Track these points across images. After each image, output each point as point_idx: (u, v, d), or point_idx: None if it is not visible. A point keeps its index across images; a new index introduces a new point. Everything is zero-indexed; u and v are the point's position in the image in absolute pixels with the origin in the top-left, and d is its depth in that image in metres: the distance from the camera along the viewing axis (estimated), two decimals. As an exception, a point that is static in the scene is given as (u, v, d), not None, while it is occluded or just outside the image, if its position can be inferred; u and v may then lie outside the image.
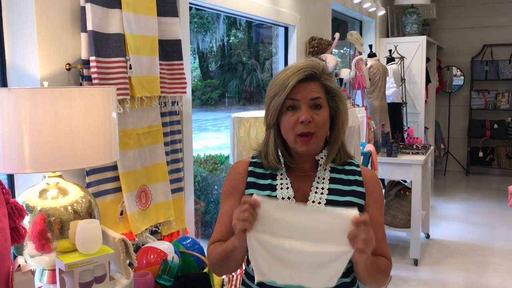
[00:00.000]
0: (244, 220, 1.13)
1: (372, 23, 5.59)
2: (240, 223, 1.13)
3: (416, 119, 5.96)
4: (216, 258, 1.30)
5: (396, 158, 4.10)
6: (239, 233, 1.15)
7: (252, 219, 1.13)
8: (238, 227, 1.14)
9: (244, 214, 1.13)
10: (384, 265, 1.31)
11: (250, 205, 1.13)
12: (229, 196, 1.37)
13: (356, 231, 1.10)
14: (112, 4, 1.87)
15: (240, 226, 1.13)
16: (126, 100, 1.92)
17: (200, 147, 7.50)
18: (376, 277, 1.27)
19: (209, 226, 4.36)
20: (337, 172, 1.36)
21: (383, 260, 1.31)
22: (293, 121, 1.28)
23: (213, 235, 1.36)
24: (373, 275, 1.26)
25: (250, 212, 1.13)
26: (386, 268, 1.31)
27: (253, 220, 1.14)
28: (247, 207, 1.13)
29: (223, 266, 1.31)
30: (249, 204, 1.13)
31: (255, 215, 1.14)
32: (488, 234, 4.82)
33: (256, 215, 1.15)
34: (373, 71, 4.55)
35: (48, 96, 1.34)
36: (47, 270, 1.51)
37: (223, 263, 1.29)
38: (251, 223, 1.14)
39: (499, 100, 7.34)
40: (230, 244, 1.24)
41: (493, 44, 7.27)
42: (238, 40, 12.98)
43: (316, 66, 1.30)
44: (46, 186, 1.49)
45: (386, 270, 1.31)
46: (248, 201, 1.14)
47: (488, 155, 7.44)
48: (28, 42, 1.68)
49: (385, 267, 1.31)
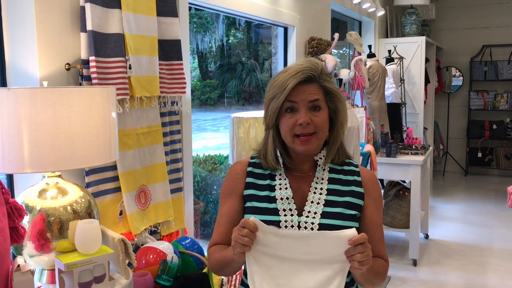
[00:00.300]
0: (244, 244, 1.16)
1: (371, 24, 5.60)
2: (240, 246, 1.16)
3: (415, 119, 5.96)
4: (215, 263, 1.33)
5: (395, 159, 4.10)
6: (238, 254, 1.19)
7: (251, 242, 1.16)
8: (237, 249, 1.17)
9: (244, 239, 1.15)
10: (382, 267, 1.32)
11: (249, 229, 1.15)
12: (228, 197, 1.37)
13: (353, 250, 1.14)
14: (111, 4, 1.87)
15: (239, 249, 1.17)
16: (125, 100, 1.92)
17: (200, 147, 7.50)
18: (373, 281, 1.29)
19: (208, 226, 4.36)
20: (335, 173, 1.36)
21: (380, 262, 1.32)
22: (292, 123, 1.28)
23: (213, 237, 1.38)
24: (370, 280, 1.28)
25: (249, 237, 1.16)
26: (384, 270, 1.33)
27: (252, 243, 1.17)
28: (247, 232, 1.15)
29: (221, 271, 1.35)
30: (249, 229, 1.15)
31: (254, 237, 1.17)
32: (487, 234, 4.82)
33: (255, 237, 1.17)
34: (372, 72, 4.55)
35: (47, 96, 1.34)
36: (47, 270, 1.51)
37: (221, 269, 1.33)
38: (250, 246, 1.17)
39: (498, 100, 7.34)
40: (229, 256, 1.26)
41: (492, 45, 7.27)
42: (237, 40, 12.98)
43: (315, 68, 1.30)
44: (46, 186, 1.49)
45: (383, 272, 1.32)
46: (248, 225, 1.15)
47: (487, 155, 7.44)
48: (27, 41, 1.68)
49: (383, 269, 1.32)
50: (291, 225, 1.28)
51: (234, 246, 1.17)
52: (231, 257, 1.25)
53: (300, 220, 1.28)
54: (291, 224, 1.28)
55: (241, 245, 1.16)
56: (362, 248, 1.13)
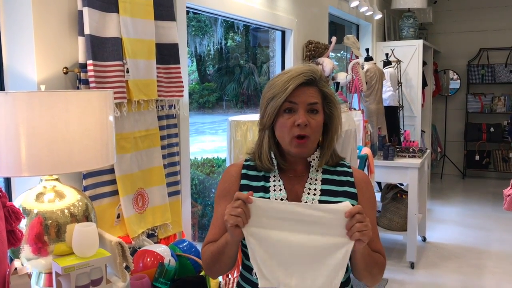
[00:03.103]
0: (236, 215, 1.16)
1: (369, 27, 5.61)
2: (233, 218, 1.16)
3: (413, 122, 5.98)
4: (209, 257, 1.32)
5: (393, 162, 4.11)
6: (231, 228, 1.17)
7: (244, 215, 1.16)
8: (230, 221, 1.17)
9: (237, 209, 1.16)
10: (380, 260, 1.33)
11: (242, 200, 1.17)
12: (223, 199, 1.38)
13: (352, 221, 1.16)
14: (109, 8, 1.88)
15: (232, 221, 1.16)
16: (123, 104, 1.93)
17: (198, 150, 7.51)
18: (372, 270, 1.30)
19: (206, 229, 4.36)
20: (329, 173, 1.38)
21: (379, 255, 1.34)
22: (290, 123, 1.30)
23: (207, 237, 1.38)
24: (369, 268, 1.29)
25: (242, 208, 1.16)
26: (382, 263, 1.34)
27: (245, 216, 1.17)
28: (240, 203, 1.17)
29: (215, 265, 1.32)
30: (242, 200, 1.17)
31: (248, 211, 1.17)
32: (484, 237, 4.83)
33: (249, 212, 1.18)
34: (370, 75, 4.56)
35: (45, 99, 1.35)
36: (44, 273, 1.51)
37: (215, 261, 1.31)
38: (244, 219, 1.17)
39: (495, 103, 7.36)
40: (223, 240, 1.27)
41: (489, 48, 7.30)
42: (235, 43, 13.01)
43: (315, 72, 1.33)
44: (43, 189, 1.50)
45: (381, 265, 1.34)
46: (241, 196, 1.17)
47: (485, 158, 7.46)
48: (25, 45, 1.69)
49: (381, 262, 1.34)
50: None
51: (227, 220, 1.17)
52: (224, 241, 1.25)
53: None
54: None
55: (234, 217, 1.16)
56: (360, 217, 1.16)
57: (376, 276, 1.32)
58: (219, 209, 1.38)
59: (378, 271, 1.32)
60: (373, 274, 1.31)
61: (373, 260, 1.29)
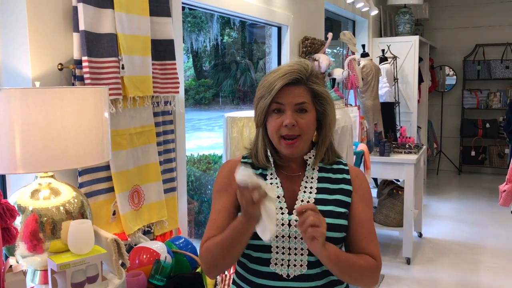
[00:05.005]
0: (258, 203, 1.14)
1: (365, 23, 5.61)
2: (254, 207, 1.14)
3: (409, 118, 5.99)
4: (217, 252, 1.26)
5: (389, 158, 4.12)
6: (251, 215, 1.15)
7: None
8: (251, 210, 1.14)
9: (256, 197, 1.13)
10: (366, 263, 1.28)
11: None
12: (224, 192, 1.36)
13: (301, 219, 1.15)
14: (104, 4, 1.86)
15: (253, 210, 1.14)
16: (118, 100, 1.92)
17: (194, 147, 7.50)
18: (351, 274, 1.25)
19: (202, 225, 4.36)
20: (325, 171, 1.37)
21: (366, 259, 1.28)
22: (278, 123, 1.29)
23: (207, 233, 1.32)
24: (345, 272, 1.25)
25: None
26: (368, 267, 1.28)
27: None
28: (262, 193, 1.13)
29: (224, 259, 1.27)
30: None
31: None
32: (480, 232, 4.85)
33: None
34: (366, 71, 4.56)
35: (40, 96, 1.34)
36: (39, 270, 1.51)
37: (225, 255, 1.25)
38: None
39: (491, 99, 7.39)
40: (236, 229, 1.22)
41: (485, 44, 7.31)
42: (231, 39, 12.98)
43: (303, 70, 1.30)
44: (38, 186, 1.49)
45: (367, 268, 1.27)
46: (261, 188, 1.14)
47: (480, 154, 7.49)
48: (20, 42, 1.68)
49: (367, 265, 1.27)
50: (282, 223, 1.29)
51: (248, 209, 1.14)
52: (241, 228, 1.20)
53: (291, 218, 1.29)
54: (282, 222, 1.29)
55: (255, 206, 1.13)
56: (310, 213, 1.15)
57: (361, 280, 1.27)
58: (220, 203, 1.35)
59: (360, 275, 1.26)
60: (355, 278, 1.26)
61: (348, 265, 1.24)
